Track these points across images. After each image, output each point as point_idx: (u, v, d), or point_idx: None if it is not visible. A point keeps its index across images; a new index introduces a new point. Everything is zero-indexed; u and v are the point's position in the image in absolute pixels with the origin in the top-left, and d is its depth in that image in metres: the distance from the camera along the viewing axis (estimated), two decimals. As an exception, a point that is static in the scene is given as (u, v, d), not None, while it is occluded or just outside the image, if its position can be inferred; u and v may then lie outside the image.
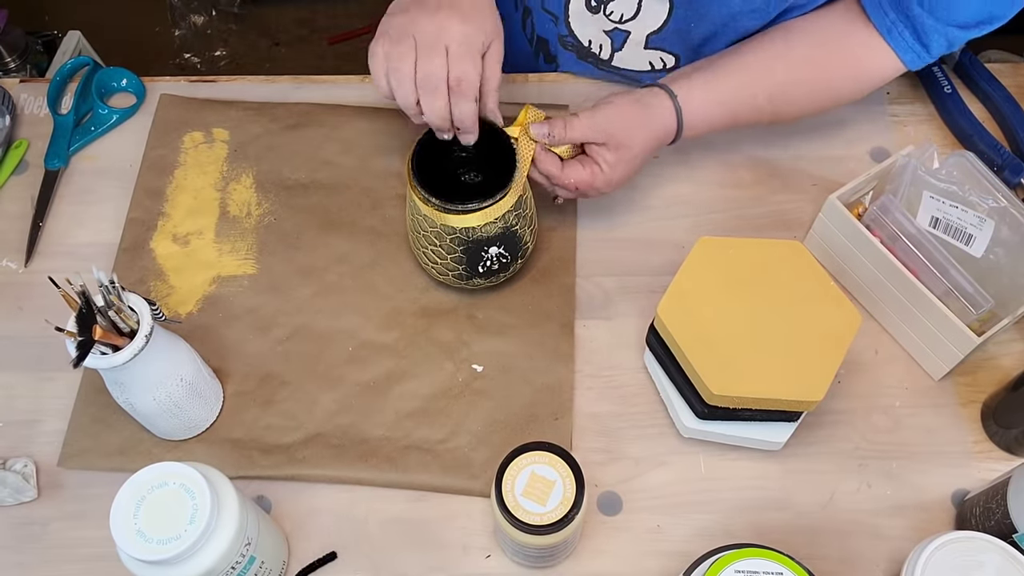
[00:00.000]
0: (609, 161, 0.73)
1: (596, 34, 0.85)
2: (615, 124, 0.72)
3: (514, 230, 0.73)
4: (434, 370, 0.76)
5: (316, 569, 0.69)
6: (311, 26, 2.11)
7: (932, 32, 0.72)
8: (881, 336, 0.78)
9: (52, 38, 1.76)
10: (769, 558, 0.56)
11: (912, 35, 0.73)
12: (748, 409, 0.68)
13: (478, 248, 0.72)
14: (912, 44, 0.73)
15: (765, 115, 0.78)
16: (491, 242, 0.72)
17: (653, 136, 0.74)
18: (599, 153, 0.73)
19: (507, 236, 0.72)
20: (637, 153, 0.74)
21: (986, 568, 0.58)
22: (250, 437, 0.73)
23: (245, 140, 0.87)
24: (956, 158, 0.77)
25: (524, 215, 0.73)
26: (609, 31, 0.84)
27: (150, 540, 0.55)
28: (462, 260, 0.73)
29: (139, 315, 0.63)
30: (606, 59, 0.87)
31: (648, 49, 0.85)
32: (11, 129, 0.88)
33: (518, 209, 0.72)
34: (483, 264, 0.74)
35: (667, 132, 0.75)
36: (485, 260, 0.73)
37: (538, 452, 0.60)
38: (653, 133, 0.74)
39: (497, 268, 0.75)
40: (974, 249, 0.73)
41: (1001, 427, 0.72)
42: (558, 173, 0.73)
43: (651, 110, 0.74)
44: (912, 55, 0.74)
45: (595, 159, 0.73)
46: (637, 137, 0.73)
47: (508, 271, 0.76)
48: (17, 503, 0.71)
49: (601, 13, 0.82)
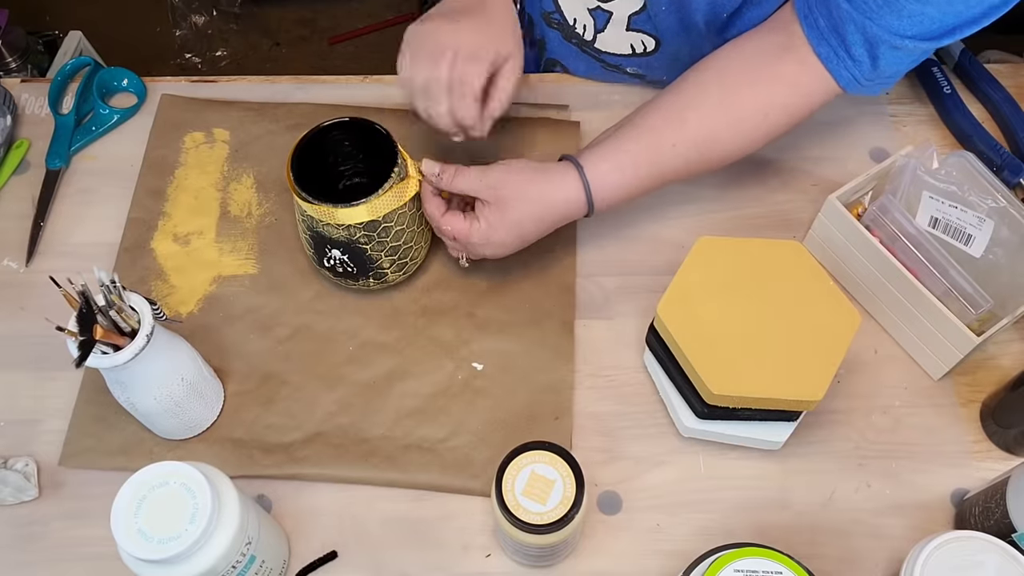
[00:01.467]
0: (490, 220, 0.71)
1: (580, 11, 0.85)
2: (506, 187, 0.71)
3: (362, 248, 0.72)
4: (434, 369, 0.76)
5: (316, 568, 0.69)
6: (312, 26, 2.12)
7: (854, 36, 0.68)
8: (881, 336, 0.78)
9: (53, 38, 1.76)
10: (769, 557, 0.56)
11: (837, 38, 0.69)
12: (748, 409, 0.68)
13: (321, 241, 0.73)
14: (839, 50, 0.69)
15: (692, 166, 0.74)
16: (333, 244, 0.72)
17: (549, 208, 0.72)
18: (481, 210, 0.72)
19: (352, 248, 0.72)
20: (522, 220, 0.71)
21: (985, 567, 0.58)
22: (251, 436, 0.73)
23: (246, 140, 0.87)
24: (955, 158, 0.77)
25: (381, 241, 0.72)
26: (592, 9, 0.84)
27: (151, 539, 0.55)
28: (310, 244, 0.75)
29: (140, 315, 0.63)
30: (589, 40, 0.87)
31: (630, 31, 0.84)
32: (12, 129, 0.89)
33: (370, 231, 0.71)
34: (327, 259, 0.74)
35: (571, 206, 0.72)
36: (328, 257, 0.74)
37: (538, 451, 0.60)
38: (549, 206, 0.72)
39: (343, 272, 0.75)
40: (973, 249, 0.73)
41: (1000, 427, 0.72)
42: (439, 217, 0.73)
43: (551, 183, 0.72)
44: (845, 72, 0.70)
45: (477, 215, 0.72)
46: (525, 206, 0.71)
47: (358, 282, 0.76)
48: (18, 502, 0.71)
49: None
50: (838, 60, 0.70)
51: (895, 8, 0.65)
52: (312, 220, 0.71)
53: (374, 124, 0.73)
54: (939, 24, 0.66)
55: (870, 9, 0.66)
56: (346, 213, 0.69)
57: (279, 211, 0.84)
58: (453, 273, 0.80)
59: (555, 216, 0.73)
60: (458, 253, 0.76)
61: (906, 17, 0.66)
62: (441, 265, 0.81)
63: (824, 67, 0.71)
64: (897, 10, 0.65)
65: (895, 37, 0.67)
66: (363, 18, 2.09)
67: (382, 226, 0.72)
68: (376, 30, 2.09)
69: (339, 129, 0.74)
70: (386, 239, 0.73)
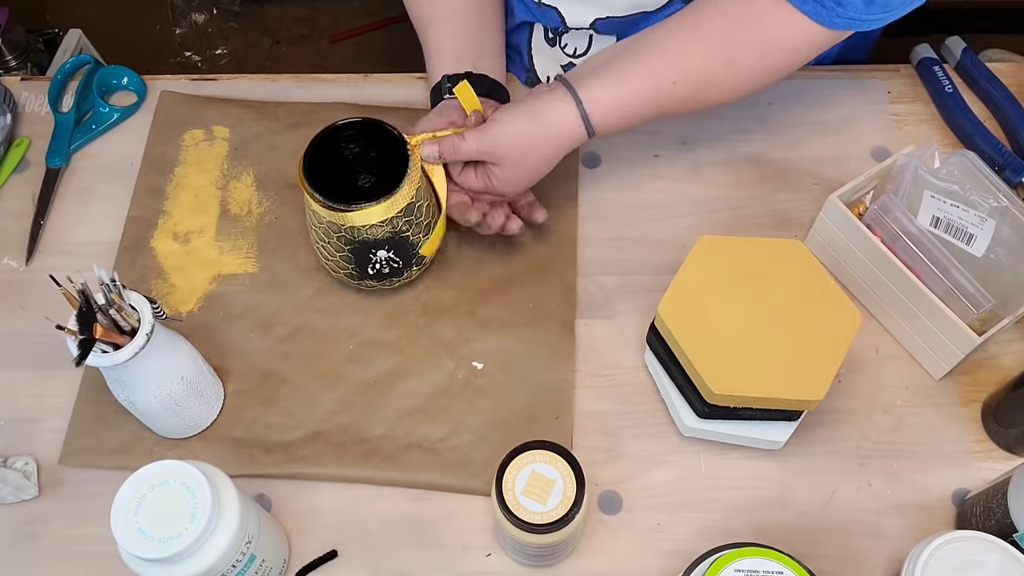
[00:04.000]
0: (500, 176, 0.73)
1: (553, 68, 0.87)
2: (505, 144, 0.71)
3: (404, 236, 0.72)
4: (435, 368, 0.76)
5: (317, 567, 0.69)
6: (312, 24, 2.11)
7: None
8: (882, 335, 0.78)
9: (53, 36, 1.75)
10: (769, 557, 0.56)
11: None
12: (749, 408, 0.68)
13: (365, 249, 0.72)
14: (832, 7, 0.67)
15: (688, 101, 0.73)
16: (378, 245, 0.72)
17: (552, 147, 0.72)
18: (492, 169, 0.73)
19: (396, 241, 0.72)
20: (534, 166, 0.73)
21: (986, 567, 0.58)
22: (251, 435, 0.73)
23: (246, 138, 0.87)
24: (957, 157, 0.77)
25: (417, 222, 0.73)
26: (564, 65, 0.85)
27: (151, 538, 0.55)
28: (350, 259, 0.74)
29: (140, 313, 0.63)
30: None
31: None
32: (12, 127, 0.88)
33: (409, 216, 0.71)
34: (372, 266, 0.74)
35: (571, 137, 0.72)
36: (374, 262, 0.74)
37: (539, 451, 0.60)
38: (552, 146, 0.72)
39: (388, 272, 0.75)
40: (975, 248, 0.73)
41: (1002, 426, 0.72)
42: (454, 178, 0.74)
43: (547, 125, 0.71)
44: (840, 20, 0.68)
45: (488, 174, 0.73)
46: (531, 156, 0.72)
47: (402, 276, 0.76)
48: (18, 501, 0.71)
49: (557, 46, 0.84)
50: (827, 12, 0.68)
51: None
52: (353, 231, 0.70)
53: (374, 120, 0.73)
54: None
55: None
56: (385, 207, 0.69)
57: (279, 209, 0.84)
58: (454, 272, 0.80)
59: (560, 151, 0.74)
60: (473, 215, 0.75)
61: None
62: (442, 263, 0.81)
63: (814, 22, 0.68)
64: None
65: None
66: (363, 16, 2.09)
67: (416, 204, 0.72)
68: (377, 28, 2.08)
69: (346, 131, 0.73)
70: (421, 218, 0.73)
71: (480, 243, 0.81)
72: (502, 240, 0.80)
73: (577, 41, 0.83)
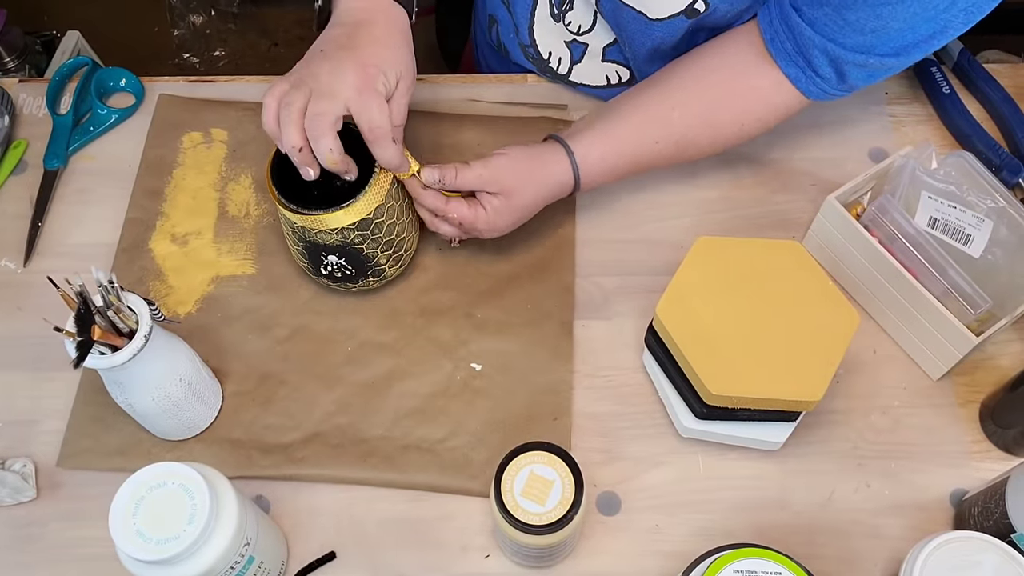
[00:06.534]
0: (495, 207, 0.73)
1: (556, 44, 0.87)
2: (507, 176, 0.73)
3: (358, 248, 0.72)
4: (433, 369, 0.76)
5: (315, 569, 0.69)
6: (310, 27, 2.11)
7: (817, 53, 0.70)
8: (880, 336, 0.78)
9: (51, 38, 1.75)
10: (768, 558, 0.56)
11: (803, 60, 0.72)
12: (747, 409, 0.68)
13: (316, 250, 0.72)
14: (806, 70, 0.72)
15: (667, 160, 0.78)
16: (328, 250, 0.72)
17: (546, 189, 0.75)
18: (488, 199, 0.73)
19: (348, 251, 0.72)
20: (526, 204, 0.75)
21: (984, 568, 0.58)
22: (249, 437, 0.73)
23: (244, 140, 0.87)
24: (954, 158, 0.77)
25: (375, 238, 0.72)
26: (568, 42, 0.86)
27: (149, 540, 0.55)
28: (304, 255, 0.74)
29: (138, 315, 0.63)
30: (563, 73, 0.89)
31: (605, 62, 0.86)
32: (10, 129, 0.88)
33: (363, 230, 0.71)
34: (324, 267, 0.74)
35: (562, 187, 0.76)
36: (325, 264, 0.74)
37: (537, 452, 0.60)
38: (546, 188, 0.75)
39: (341, 276, 0.75)
40: (972, 249, 0.73)
41: (999, 427, 0.72)
42: (443, 207, 0.74)
43: (546, 166, 0.75)
44: (815, 88, 0.73)
45: (482, 202, 0.74)
46: (528, 190, 0.74)
47: (357, 284, 0.76)
48: (16, 503, 0.71)
49: (561, 23, 0.84)
50: (807, 79, 0.73)
51: (856, 28, 0.67)
52: (303, 230, 0.71)
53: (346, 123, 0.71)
54: (899, 41, 0.67)
55: (832, 32, 0.69)
56: (336, 217, 0.69)
57: (277, 211, 0.83)
58: (452, 273, 0.80)
59: (550, 197, 0.77)
60: (452, 236, 0.77)
61: (869, 33, 0.67)
62: (440, 265, 0.81)
63: (794, 86, 0.74)
64: (858, 29, 0.67)
65: (859, 56, 0.69)
66: (361, 18, 2.09)
67: (374, 222, 0.71)
68: (374, 30, 2.08)
69: None
70: (379, 235, 0.73)
71: (478, 244, 0.81)
72: (500, 241, 0.80)
73: (581, 19, 0.83)
